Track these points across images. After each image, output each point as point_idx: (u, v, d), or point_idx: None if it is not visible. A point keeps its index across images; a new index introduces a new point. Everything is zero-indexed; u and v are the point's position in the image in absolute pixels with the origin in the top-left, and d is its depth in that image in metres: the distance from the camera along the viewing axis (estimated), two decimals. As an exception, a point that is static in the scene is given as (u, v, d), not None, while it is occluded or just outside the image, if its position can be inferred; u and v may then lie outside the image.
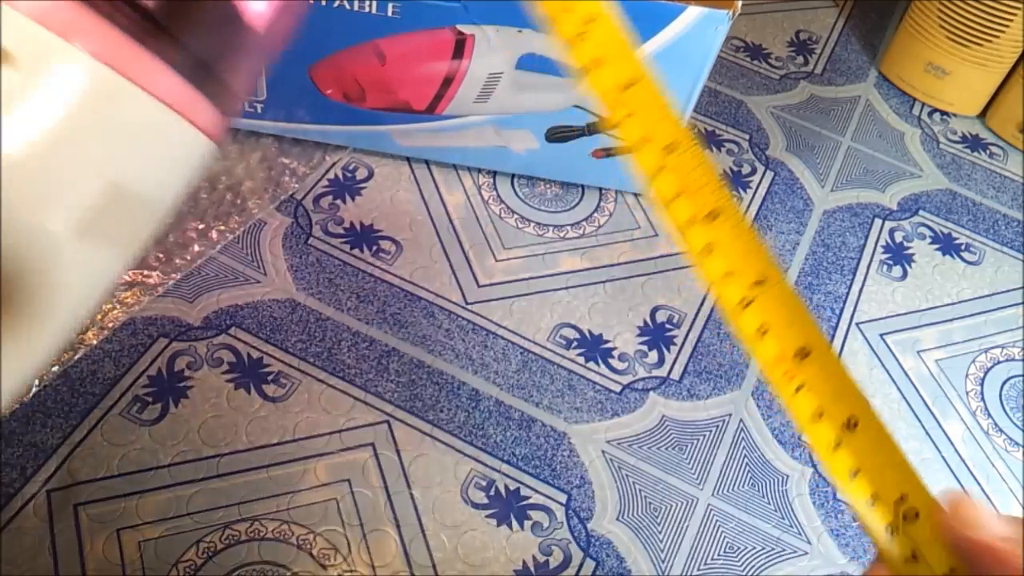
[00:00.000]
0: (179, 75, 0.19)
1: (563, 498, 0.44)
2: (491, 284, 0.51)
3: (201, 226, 0.51)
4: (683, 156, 0.23)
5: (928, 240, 0.60)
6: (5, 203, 0.16)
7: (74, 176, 0.18)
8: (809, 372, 0.23)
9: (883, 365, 0.52)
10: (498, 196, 0.56)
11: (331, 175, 0.55)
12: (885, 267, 0.57)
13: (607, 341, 0.50)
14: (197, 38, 0.19)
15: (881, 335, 0.54)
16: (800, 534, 0.45)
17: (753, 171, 0.61)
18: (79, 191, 0.18)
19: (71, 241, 0.17)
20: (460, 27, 0.47)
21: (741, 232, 0.23)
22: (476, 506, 0.43)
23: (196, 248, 0.50)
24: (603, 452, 0.46)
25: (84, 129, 0.17)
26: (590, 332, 0.50)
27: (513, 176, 0.57)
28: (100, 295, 0.19)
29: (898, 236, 0.59)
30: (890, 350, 0.53)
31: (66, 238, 0.17)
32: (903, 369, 0.52)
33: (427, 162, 0.57)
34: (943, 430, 0.50)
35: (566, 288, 0.52)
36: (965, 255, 0.59)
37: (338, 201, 0.54)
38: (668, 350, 0.51)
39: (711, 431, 0.47)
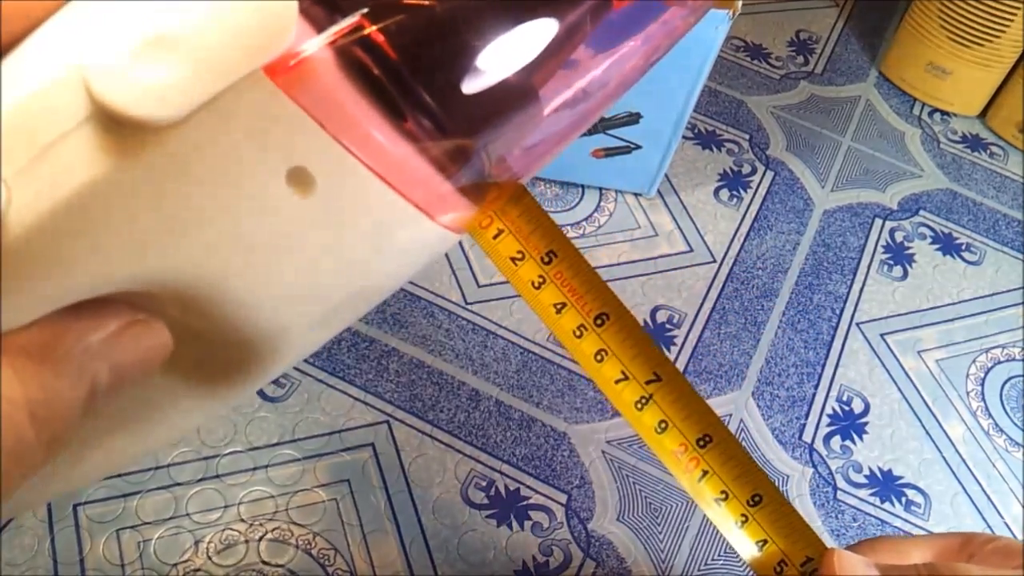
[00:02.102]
0: (457, 191, 0.18)
1: (563, 498, 0.44)
2: (491, 284, 0.51)
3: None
4: (561, 265, 0.23)
5: (928, 240, 0.60)
6: (264, 304, 0.17)
7: (332, 287, 0.18)
8: (711, 458, 0.25)
9: (883, 365, 0.52)
10: (498, 196, 0.56)
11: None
12: (885, 267, 0.57)
13: (607, 341, 0.50)
14: (488, 151, 0.18)
15: (882, 335, 0.54)
16: (800, 534, 0.44)
17: (753, 171, 0.61)
18: (332, 298, 0.18)
19: (303, 331, 0.18)
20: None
21: (630, 333, 0.23)
22: (476, 506, 0.43)
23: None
24: (603, 452, 0.46)
25: (355, 246, 0.17)
26: (590, 332, 0.50)
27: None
28: (303, 358, 0.20)
29: (898, 236, 0.59)
30: (890, 350, 0.53)
31: (300, 330, 0.18)
32: (903, 369, 0.52)
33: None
34: (943, 430, 0.50)
35: (566, 288, 0.52)
36: (966, 255, 0.59)
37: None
38: (668, 350, 0.51)
39: (711, 431, 0.47)
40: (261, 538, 0.40)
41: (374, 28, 0.15)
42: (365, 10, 0.15)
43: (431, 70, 0.16)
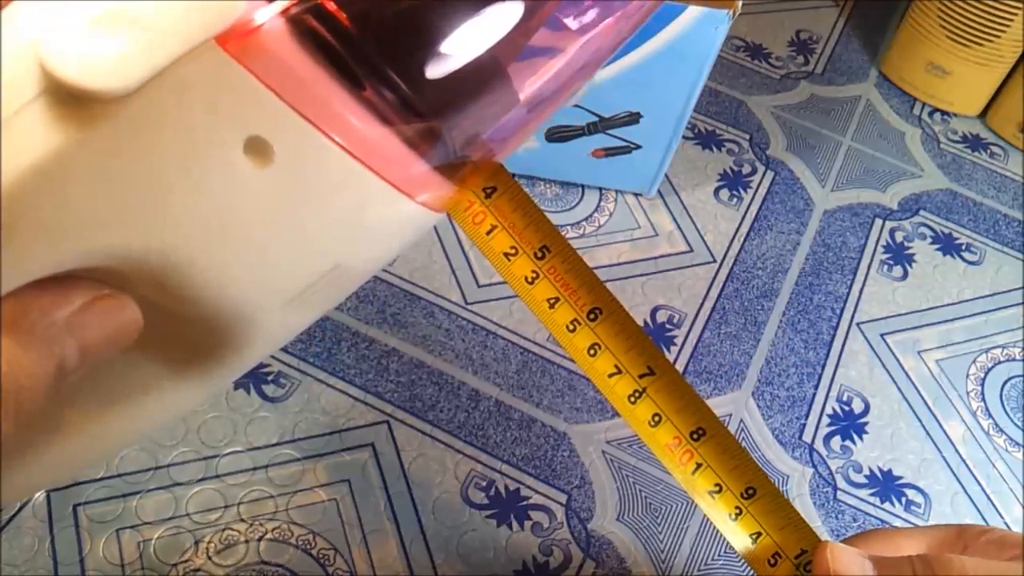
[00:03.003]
0: (429, 165, 0.18)
1: (563, 498, 0.44)
2: (491, 284, 0.51)
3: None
4: (554, 260, 0.23)
5: (929, 240, 0.60)
6: (233, 280, 0.17)
7: (302, 262, 0.18)
8: (705, 451, 0.25)
9: (884, 365, 0.52)
10: (498, 196, 0.56)
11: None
12: (886, 267, 0.57)
13: (607, 341, 0.50)
14: (458, 128, 0.18)
15: (882, 335, 0.54)
16: (800, 534, 0.44)
17: (753, 171, 0.61)
18: (304, 275, 0.18)
19: (278, 310, 0.18)
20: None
21: (623, 327, 0.23)
22: (476, 506, 0.43)
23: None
24: (603, 452, 0.46)
25: (321, 219, 0.17)
26: (590, 332, 0.50)
27: (513, 176, 0.57)
28: (285, 341, 0.20)
29: (899, 236, 0.59)
30: (891, 350, 0.53)
31: (274, 309, 0.18)
32: (903, 369, 0.52)
33: (427, 162, 0.57)
34: (944, 430, 0.50)
35: (566, 288, 0.52)
36: (966, 255, 0.59)
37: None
38: (668, 350, 0.51)
39: (711, 431, 0.47)
40: (261, 538, 0.40)
41: None
42: None
43: (387, 39, 0.16)
